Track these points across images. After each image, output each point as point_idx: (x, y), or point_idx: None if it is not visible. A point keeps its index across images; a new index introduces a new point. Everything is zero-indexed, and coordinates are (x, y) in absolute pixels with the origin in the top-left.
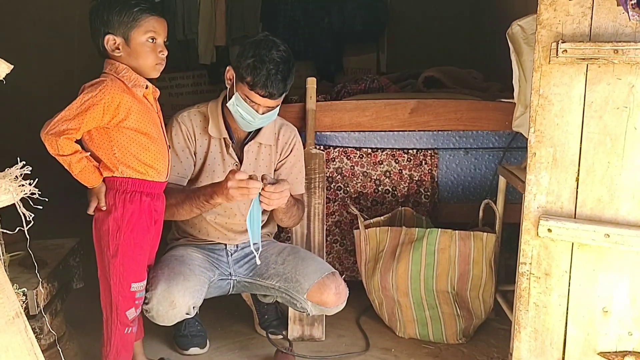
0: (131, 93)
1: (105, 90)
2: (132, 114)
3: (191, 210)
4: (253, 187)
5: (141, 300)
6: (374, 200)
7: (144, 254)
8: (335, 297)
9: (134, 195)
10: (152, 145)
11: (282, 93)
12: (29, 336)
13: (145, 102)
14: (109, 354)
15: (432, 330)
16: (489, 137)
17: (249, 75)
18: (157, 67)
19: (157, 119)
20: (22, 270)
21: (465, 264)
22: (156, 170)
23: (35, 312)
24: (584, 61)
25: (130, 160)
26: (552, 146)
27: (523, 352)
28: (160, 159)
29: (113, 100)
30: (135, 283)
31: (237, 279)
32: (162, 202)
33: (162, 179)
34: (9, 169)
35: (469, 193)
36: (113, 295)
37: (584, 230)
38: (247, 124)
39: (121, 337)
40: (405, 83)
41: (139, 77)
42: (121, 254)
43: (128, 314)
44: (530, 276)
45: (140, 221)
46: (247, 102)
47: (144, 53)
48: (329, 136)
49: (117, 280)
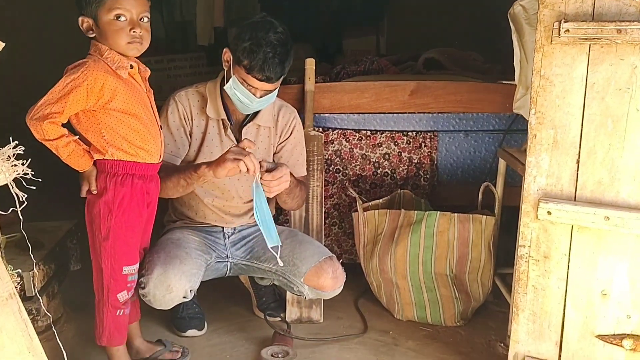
0: (115, 74)
1: (87, 72)
2: (118, 95)
3: (177, 183)
4: (250, 161)
5: (133, 283)
6: (372, 183)
7: (136, 237)
8: (332, 282)
9: (125, 178)
10: (141, 127)
11: (280, 76)
12: (23, 317)
13: (133, 82)
14: (102, 336)
15: (430, 313)
16: (489, 119)
17: (245, 59)
18: (132, 46)
19: (146, 99)
20: (19, 251)
21: (464, 246)
22: (147, 151)
23: (31, 293)
24: (586, 41)
25: (120, 142)
26: (553, 128)
27: (521, 334)
28: (150, 140)
29: (96, 82)
30: (127, 266)
31: (234, 262)
32: (156, 184)
33: (154, 161)
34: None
35: (468, 176)
36: (105, 278)
37: (584, 213)
38: (245, 107)
39: (113, 319)
40: (405, 65)
41: (122, 58)
42: (112, 236)
43: (119, 296)
44: (529, 259)
45: (132, 204)
46: (244, 85)
47: (112, 32)
48: (327, 118)
49: (108, 264)
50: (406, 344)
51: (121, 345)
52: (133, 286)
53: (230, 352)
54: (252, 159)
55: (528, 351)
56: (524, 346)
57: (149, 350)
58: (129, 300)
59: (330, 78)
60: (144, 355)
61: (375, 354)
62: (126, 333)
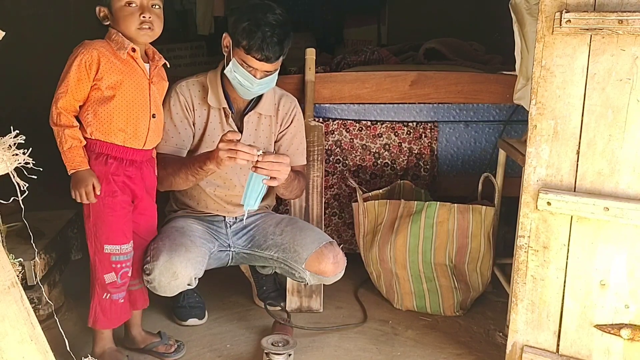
0: (115, 55)
1: (82, 48)
2: (110, 74)
3: (187, 179)
4: (242, 151)
5: (121, 265)
6: (372, 174)
7: (116, 217)
8: (334, 267)
9: (99, 157)
10: (127, 109)
11: (279, 56)
12: (25, 306)
13: (134, 66)
14: (89, 317)
15: (430, 303)
16: (490, 110)
17: (244, 40)
18: (141, 31)
19: (144, 85)
20: (20, 241)
21: (464, 237)
22: (127, 134)
23: (33, 282)
24: (587, 32)
25: (97, 121)
26: (554, 119)
27: (520, 324)
28: (132, 124)
29: (91, 57)
30: (108, 245)
31: (236, 251)
32: (140, 169)
33: (135, 145)
34: (2, 137)
35: (468, 166)
36: (90, 256)
37: (583, 204)
38: (246, 91)
39: (99, 301)
40: (406, 55)
41: (125, 40)
42: (93, 215)
43: (106, 277)
44: (528, 249)
45: (108, 181)
46: (244, 67)
47: (123, 18)
48: (328, 108)
49: (92, 241)
50: (405, 334)
51: (106, 329)
52: (122, 269)
53: (231, 341)
54: (244, 148)
55: (527, 340)
56: (523, 336)
57: (144, 341)
58: (119, 285)
59: (331, 68)
60: (139, 345)
61: (375, 343)
62: (115, 319)
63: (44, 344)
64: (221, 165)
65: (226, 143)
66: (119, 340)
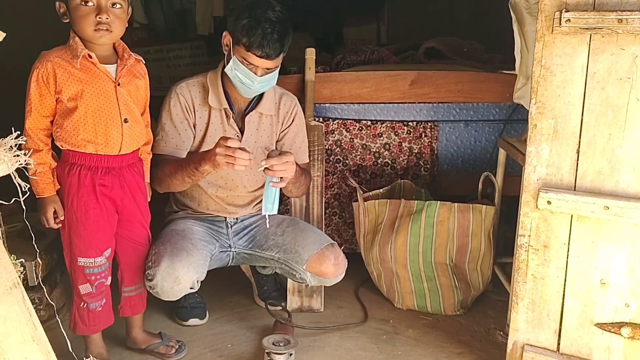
0: (72, 63)
1: (38, 63)
2: (69, 86)
3: (183, 180)
4: (239, 157)
5: (95, 277)
6: (373, 173)
7: (89, 231)
8: (334, 268)
9: (72, 168)
10: (92, 119)
11: (279, 53)
12: (27, 306)
13: (95, 72)
14: (70, 322)
15: (430, 302)
16: (490, 109)
17: (244, 37)
18: (98, 33)
19: (110, 91)
20: (21, 241)
21: (464, 236)
22: (97, 144)
23: (34, 283)
24: (587, 31)
25: (64, 134)
26: (553, 118)
27: (520, 323)
28: (102, 134)
29: (46, 70)
30: (81, 258)
31: (237, 251)
32: (118, 176)
33: (109, 152)
34: (3, 139)
35: (468, 165)
36: (67, 265)
37: (583, 203)
38: (247, 89)
39: (78, 308)
40: (406, 54)
41: (78, 46)
42: (67, 227)
43: (81, 288)
44: (528, 248)
45: (80, 195)
46: (244, 64)
47: (78, 18)
48: (328, 108)
49: (67, 252)
50: (406, 333)
51: (87, 334)
52: (97, 281)
53: (232, 341)
54: (243, 155)
55: (527, 339)
56: (524, 334)
57: (145, 342)
58: (95, 294)
59: (331, 68)
60: (140, 345)
61: (376, 342)
62: (93, 326)
63: (46, 344)
64: (217, 168)
65: (224, 148)
66: (120, 341)
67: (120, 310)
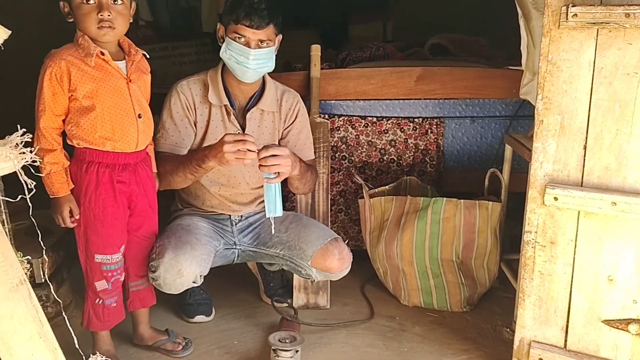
0: (84, 62)
1: (50, 61)
2: (83, 85)
3: (185, 177)
4: (250, 150)
5: (112, 274)
6: (379, 170)
7: (106, 228)
8: (339, 263)
9: (90, 166)
10: (110, 117)
11: (269, 22)
12: (33, 303)
13: (107, 69)
14: (83, 318)
15: (437, 299)
16: (496, 105)
17: (233, 12)
18: (101, 31)
19: (122, 87)
20: (27, 239)
21: (470, 232)
22: (115, 141)
23: (41, 280)
24: (594, 26)
25: (82, 133)
26: (560, 113)
27: (527, 319)
28: (119, 131)
29: (60, 69)
30: (99, 255)
31: (242, 248)
32: (134, 172)
33: (126, 149)
34: (9, 136)
35: (474, 162)
36: (82, 262)
37: (590, 199)
38: (244, 69)
39: (92, 305)
40: (412, 51)
41: (90, 45)
42: (83, 224)
43: (97, 285)
44: (535, 245)
45: (98, 192)
46: (237, 40)
47: (81, 16)
48: (333, 105)
49: (82, 249)
50: (413, 330)
51: (101, 331)
52: (113, 277)
53: (238, 338)
54: (252, 147)
55: (534, 336)
56: (530, 331)
57: (152, 338)
58: (111, 291)
59: (336, 64)
60: (147, 342)
61: (383, 339)
62: (108, 322)
63: (53, 341)
64: (224, 165)
65: (233, 144)
66: (127, 338)
67: (130, 305)
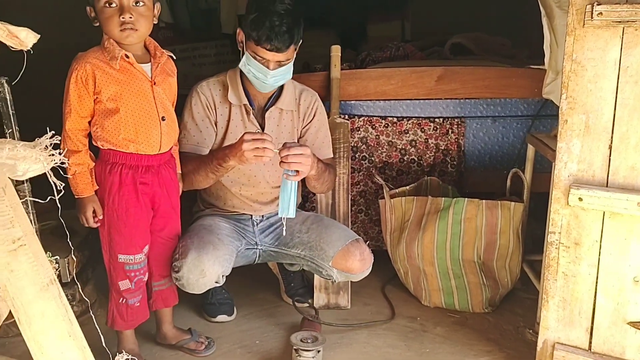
0: (109, 65)
1: (76, 64)
2: (108, 87)
3: (207, 176)
4: (268, 148)
5: (135, 274)
6: (399, 170)
7: (129, 228)
8: (360, 264)
9: (114, 167)
10: (133, 120)
11: (289, 45)
12: (63, 302)
13: (132, 72)
14: (107, 318)
15: (458, 299)
16: (517, 104)
17: (254, 31)
18: (124, 33)
19: (146, 90)
20: (54, 239)
21: (492, 233)
22: (138, 144)
23: (67, 279)
24: (620, 24)
25: (106, 134)
26: (585, 113)
27: (551, 321)
28: (142, 133)
29: (85, 69)
30: (122, 255)
31: (263, 249)
32: (157, 173)
33: (150, 152)
34: (38, 138)
35: (496, 162)
36: (105, 262)
37: (616, 199)
38: (261, 84)
39: (116, 305)
40: (432, 50)
41: (115, 48)
42: (107, 225)
43: (121, 284)
44: (559, 245)
45: (121, 193)
46: (256, 59)
47: (104, 20)
48: (353, 105)
49: (106, 249)
50: (434, 330)
51: (125, 330)
52: (136, 277)
53: (260, 337)
54: (270, 145)
55: (558, 338)
56: (554, 333)
57: (175, 338)
58: (134, 290)
59: (356, 65)
60: (170, 341)
61: (404, 340)
62: (131, 321)
63: (82, 339)
64: (244, 163)
65: (251, 142)
66: (151, 337)
67: (153, 304)
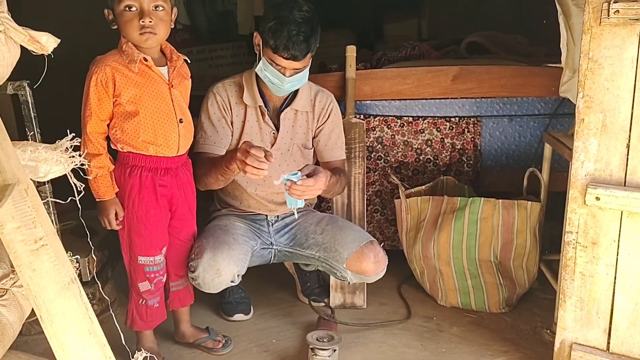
0: (127, 68)
1: (95, 67)
2: (127, 90)
3: (217, 178)
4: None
5: (154, 275)
6: (415, 170)
7: (149, 231)
8: (375, 266)
9: (134, 170)
10: (152, 122)
11: (306, 54)
12: (83, 301)
13: (150, 75)
14: (127, 318)
15: (475, 299)
16: (534, 103)
17: (271, 39)
18: (143, 37)
19: (164, 92)
20: (74, 238)
21: (509, 233)
22: (158, 146)
23: (87, 278)
24: (637, 22)
25: (126, 137)
26: (602, 112)
27: (568, 321)
28: (162, 135)
29: (105, 72)
30: (142, 256)
31: (278, 249)
32: (175, 176)
33: (168, 154)
34: (59, 141)
35: (512, 161)
36: (125, 263)
37: (634, 198)
38: (277, 89)
39: (136, 305)
40: (447, 49)
41: (134, 52)
42: (127, 227)
43: (141, 286)
44: (576, 245)
45: (141, 196)
46: (273, 66)
47: (124, 23)
48: (369, 105)
49: (126, 251)
50: (450, 330)
51: (144, 330)
52: (156, 278)
53: (277, 336)
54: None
55: (575, 338)
56: (572, 333)
57: (193, 336)
58: (154, 291)
59: (371, 64)
60: (188, 340)
61: (420, 339)
62: (150, 321)
63: (102, 337)
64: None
65: (242, 153)
66: (169, 335)
67: (170, 304)
